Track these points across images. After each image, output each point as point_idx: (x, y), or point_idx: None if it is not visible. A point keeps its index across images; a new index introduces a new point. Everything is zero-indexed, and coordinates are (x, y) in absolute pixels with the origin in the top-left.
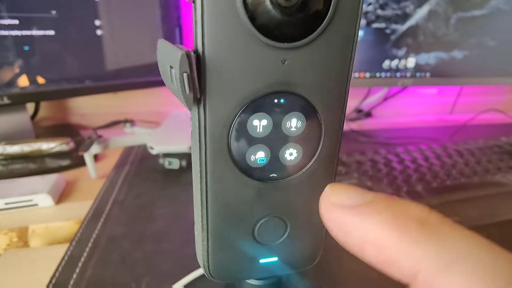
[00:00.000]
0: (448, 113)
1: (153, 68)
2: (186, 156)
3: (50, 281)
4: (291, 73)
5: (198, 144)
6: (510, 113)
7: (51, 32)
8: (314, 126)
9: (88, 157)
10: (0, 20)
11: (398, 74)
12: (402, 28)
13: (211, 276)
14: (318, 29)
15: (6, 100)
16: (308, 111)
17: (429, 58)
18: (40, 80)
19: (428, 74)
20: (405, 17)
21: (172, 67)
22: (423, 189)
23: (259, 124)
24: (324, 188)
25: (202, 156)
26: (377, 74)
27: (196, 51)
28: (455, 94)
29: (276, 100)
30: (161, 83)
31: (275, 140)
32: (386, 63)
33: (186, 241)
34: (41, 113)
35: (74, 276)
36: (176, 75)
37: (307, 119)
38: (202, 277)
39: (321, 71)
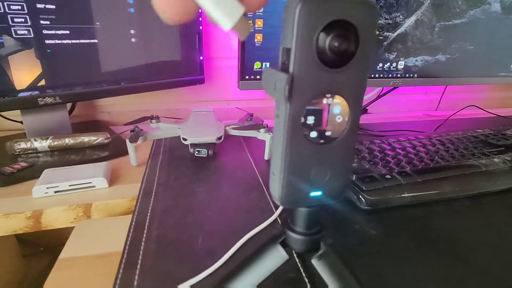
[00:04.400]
0: (434, 109)
1: (175, 71)
2: (213, 146)
3: (127, 239)
4: (335, 84)
5: (283, 123)
6: (487, 108)
7: (95, 41)
8: (346, 112)
9: (131, 147)
10: (56, 31)
11: (390, 75)
12: (393, 35)
13: (283, 203)
14: (351, 61)
15: (58, 99)
16: (344, 104)
17: (417, 61)
18: (83, 81)
19: (415, 75)
20: (395, 25)
21: (277, 82)
22: (411, 170)
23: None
24: (351, 149)
25: (285, 130)
26: (372, 75)
27: (289, 73)
28: (441, 92)
29: (326, 99)
30: (180, 84)
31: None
32: (379, 66)
33: (224, 209)
34: (74, 111)
35: (144, 235)
36: (280, 87)
37: (342, 108)
38: (206, 278)
39: (351, 82)
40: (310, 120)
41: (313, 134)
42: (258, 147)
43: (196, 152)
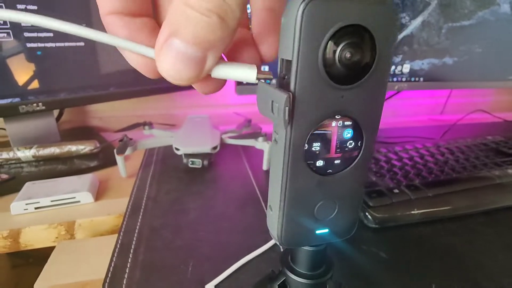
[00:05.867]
0: (439, 113)
1: None
2: (207, 156)
3: (110, 265)
4: (346, 104)
5: (283, 151)
6: (494, 113)
7: (81, 44)
8: (358, 138)
9: (120, 158)
10: (38, 33)
11: (394, 79)
12: (398, 37)
13: (283, 243)
14: (366, 76)
15: (41, 106)
16: (355, 127)
17: (423, 64)
18: (68, 87)
19: (421, 79)
20: (401, 27)
21: (274, 102)
22: (420, 183)
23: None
24: (362, 179)
25: (285, 159)
26: None
27: (290, 92)
28: (446, 96)
29: (335, 122)
30: (174, 89)
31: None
32: None
33: (218, 229)
34: (64, 116)
35: (129, 260)
36: (279, 108)
37: (354, 133)
38: (230, 277)
39: (366, 102)
40: (316, 147)
41: (319, 163)
42: (256, 156)
43: (190, 162)
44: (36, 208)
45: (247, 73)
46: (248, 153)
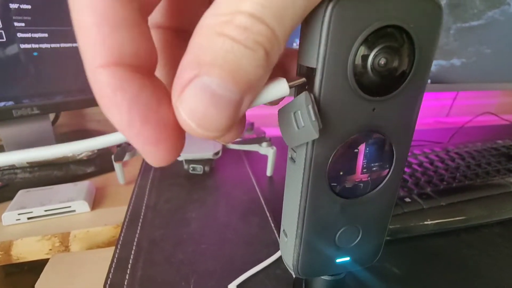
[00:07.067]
0: (444, 116)
1: None
2: (209, 162)
3: (106, 282)
4: (377, 118)
5: (303, 171)
6: (502, 115)
7: (77, 45)
8: (389, 156)
9: (118, 165)
10: (32, 33)
11: None
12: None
13: (299, 273)
14: (402, 86)
15: (35, 111)
16: (386, 144)
17: None
18: (64, 89)
19: (429, 81)
20: None
21: (296, 112)
22: (432, 191)
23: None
24: (391, 201)
25: (305, 180)
26: None
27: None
28: (452, 98)
29: (362, 139)
30: None
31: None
32: None
33: (221, 241)
34: (60, 119)
35: (127, 277)
36: (302, 114)
37: (384, 151)
38: (252, 277)
39: (399, 115)
40: (340, 166)
41: (343, 185)
42: (259, 162)
43: (191, 169)
44: (29, 218)
45: (279, 86)
46: (251, 159)
